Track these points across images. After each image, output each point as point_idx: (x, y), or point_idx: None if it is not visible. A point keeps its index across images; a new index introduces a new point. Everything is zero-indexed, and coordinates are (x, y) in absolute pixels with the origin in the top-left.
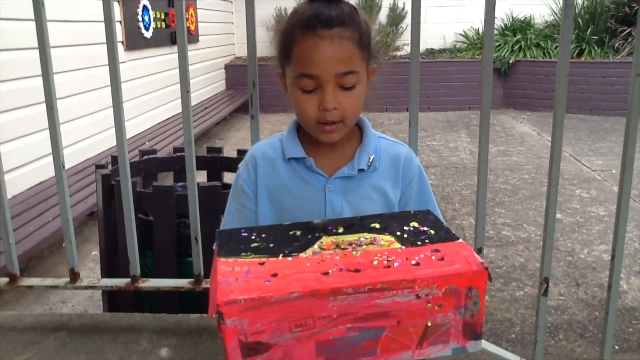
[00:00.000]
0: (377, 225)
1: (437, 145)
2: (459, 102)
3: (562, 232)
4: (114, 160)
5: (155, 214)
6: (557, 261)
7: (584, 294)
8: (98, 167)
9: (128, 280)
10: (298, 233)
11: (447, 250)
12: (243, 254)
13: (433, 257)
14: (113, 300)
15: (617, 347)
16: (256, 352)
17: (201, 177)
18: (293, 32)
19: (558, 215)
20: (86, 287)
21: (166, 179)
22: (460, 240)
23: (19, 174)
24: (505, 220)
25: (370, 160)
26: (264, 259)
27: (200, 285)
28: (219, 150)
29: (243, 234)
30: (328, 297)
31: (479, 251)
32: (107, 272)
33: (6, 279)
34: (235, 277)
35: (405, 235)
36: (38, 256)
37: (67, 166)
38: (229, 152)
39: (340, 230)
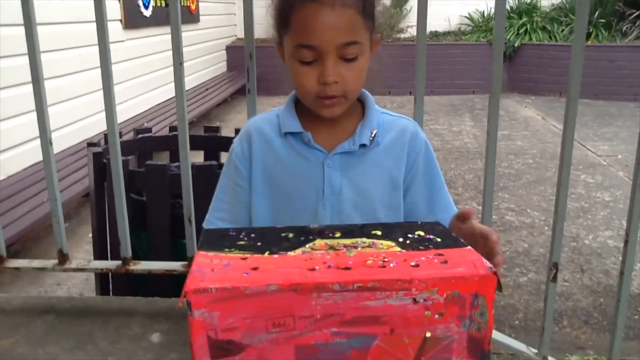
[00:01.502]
0: (379, 232)
1: (440, 129)
2: (463, 86)
3: (567, 217)
4: (107, 138)
5: (149, 194)
6: (561, 247)
7: (588, 281)
8: (90, 145)
9: (119, 262)
10: (290, 235)
11: (453, 254)
12: (226, 249)
13: (435, 260)
14: (106, 283)
15: (622, 335)
16: (226, 353)
17: (198, 157)
18: None
19: None
20: (75, 270)
21: (164, 159)
22: (470, 247)
23: (14, 153)
24: (509, 205)
25: (373, 135)
26: (247, 255)
27: None
28: (216, 129)
29: (231, 233)
30: (311, 293)
31: None
32: (99, 254)
33: None
34: (211, 268)
35: (408, 242)
36: (34, 237)
37: (64, 146)
38: (228, 132)
39: (337, 234)
